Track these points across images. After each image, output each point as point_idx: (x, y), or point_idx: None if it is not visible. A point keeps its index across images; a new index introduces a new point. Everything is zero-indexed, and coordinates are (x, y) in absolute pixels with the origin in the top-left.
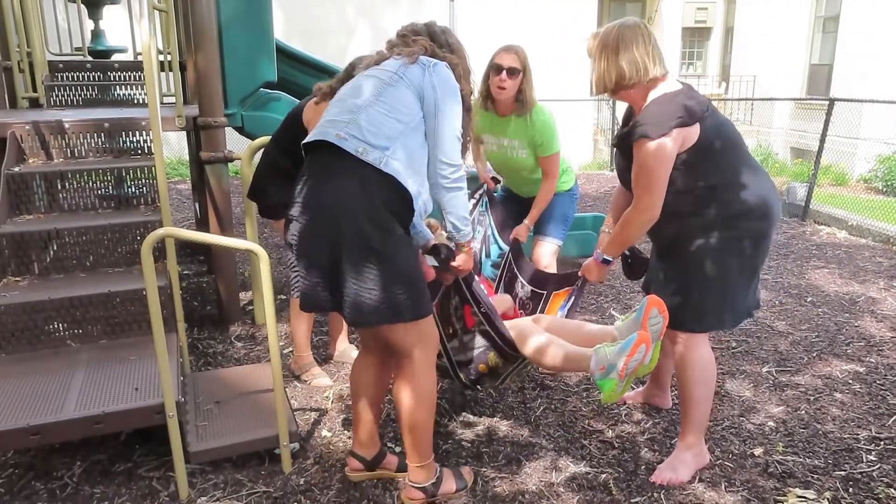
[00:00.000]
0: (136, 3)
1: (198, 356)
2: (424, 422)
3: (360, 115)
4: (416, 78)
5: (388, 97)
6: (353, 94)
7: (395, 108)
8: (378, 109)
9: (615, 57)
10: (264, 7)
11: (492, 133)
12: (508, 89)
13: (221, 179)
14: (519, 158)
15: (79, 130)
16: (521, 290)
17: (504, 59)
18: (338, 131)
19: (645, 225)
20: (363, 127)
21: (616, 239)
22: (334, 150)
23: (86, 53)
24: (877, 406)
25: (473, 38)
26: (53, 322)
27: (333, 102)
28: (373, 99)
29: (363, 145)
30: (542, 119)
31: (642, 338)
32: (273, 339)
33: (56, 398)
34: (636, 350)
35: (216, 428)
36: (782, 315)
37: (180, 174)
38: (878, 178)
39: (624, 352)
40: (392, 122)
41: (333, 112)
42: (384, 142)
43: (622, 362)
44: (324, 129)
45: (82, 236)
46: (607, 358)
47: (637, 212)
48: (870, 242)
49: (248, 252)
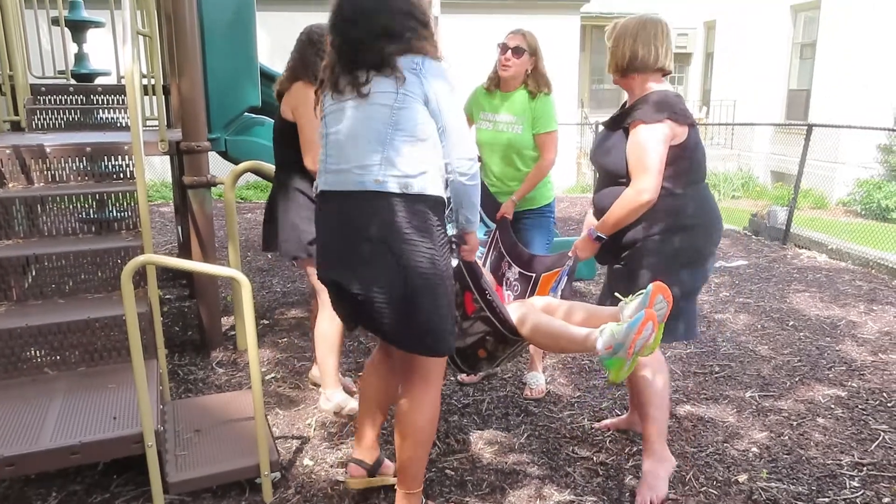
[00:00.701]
0: (121, 27)
1: (178, 383)
2: (424, 443)
3: (389, 152)
4: (417, 89)
5: (404, 123)
6: (365, 129)
7: (416, 130)
8: (401, 139)
9: (632, 40)
10: (249, 31)
11: (488, 109)
12: (513, 67)
13: (204, 204)
14: (513, 135)
15: (60, 154)
16: (509, 270)
17: (510, 40)
18: (375, 177)
19: (641, 207)
20: (397, 163)
21: (610, 217)
22: (366, 197)
23: (69, 77)
24: (859, 431)
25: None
26: (30, 349)
27: (338, 143)
28: (391, 130)
29: (405, 180)
30: (548, 98)
31: (649, 316)
32: (255, 366)
33: (32, 428)
34: (643, 327)
35: (196, 457)
36: (765, 339)
37: (164, 197)
38: (856, 201)
39: (632, 330)
40: (420, 146)
41: (349, 155)
42: (422, 167)
43: (630, 340)
44: (349, 177)
45: (61, 262)
46: (614, 337)
47: (635, 192)
48: (850, 266)
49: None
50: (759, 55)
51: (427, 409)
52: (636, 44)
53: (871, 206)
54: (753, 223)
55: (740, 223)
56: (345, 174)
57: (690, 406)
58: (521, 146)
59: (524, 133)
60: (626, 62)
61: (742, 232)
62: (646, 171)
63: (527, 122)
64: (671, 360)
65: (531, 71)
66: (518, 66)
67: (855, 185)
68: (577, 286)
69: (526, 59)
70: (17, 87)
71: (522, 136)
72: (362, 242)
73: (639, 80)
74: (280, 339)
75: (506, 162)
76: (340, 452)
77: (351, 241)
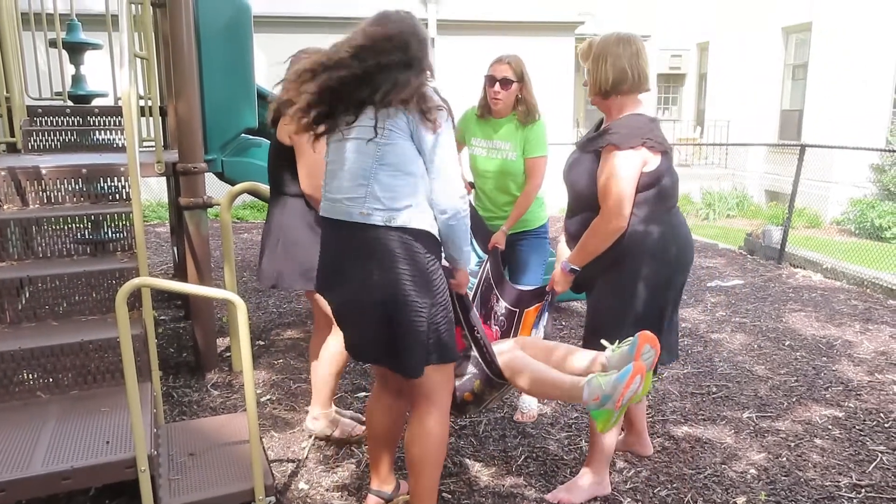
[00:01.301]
0: (118, 49)
1: (173, 405)
2: (434, 469)
3: (373, 186)
4: (403, 125)
5: (389, 157)
6: (354, 163)
7: (401, 165)
8: (386, 174)
9: (614, 59)
10: (246, 53)
11: (481, 136)
12: (503, 99)
13: (200, 225)
14: (506, 161)
15: (56, 176)
16: (497, 304)
17: (497, 71)
18: (360, 209)
19: (612, 234)
20: (380, 197)
21: (582, 248)
22: (354, 228)
23: (66, 98)
24: (857, 452)
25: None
26: (23, 372)
27: (333, 173)
28: (376, 165)
29: (387, 213)
30: (539, 122)
31: (638, 369)
32: (249, 389)
33: (23, 453)
34: (632, 381)
35: (189, 482)
36: (761, 359)
37: (160, 217)
38: (850, 220)
39: (620, 384)
40: (404, 180)
41: (342, 186)
42: (406, 201)
43: (618, 394)
44: (340, 207)
45: (56, 283)
46: (602, 389)
47: (604, 221)
48: (844, 285)
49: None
50: (751, 76)
51: (433, 433)
52: (619, 64)
53: (864, 225)
54: (749, 242)
55: (735, 242)
56: (338, 204)
57: (688, 427)
58: (515, 172)
59: (518, 159)
60: (609, 84)
61: (737, 251)
62: (616, 198)
63: (519, 148)
64: (668, 380)
65: (520, 97)
66: (508, 97)
67: (849, 205)
68: (574, 305)
69: (515, 87)
70: (13, 108)
71: (516, 163)
72: (352, 268)
73: (618, 101)
74: (276, 361)
75: (500, 188)
76: (336, 476)
77: (343, 266)
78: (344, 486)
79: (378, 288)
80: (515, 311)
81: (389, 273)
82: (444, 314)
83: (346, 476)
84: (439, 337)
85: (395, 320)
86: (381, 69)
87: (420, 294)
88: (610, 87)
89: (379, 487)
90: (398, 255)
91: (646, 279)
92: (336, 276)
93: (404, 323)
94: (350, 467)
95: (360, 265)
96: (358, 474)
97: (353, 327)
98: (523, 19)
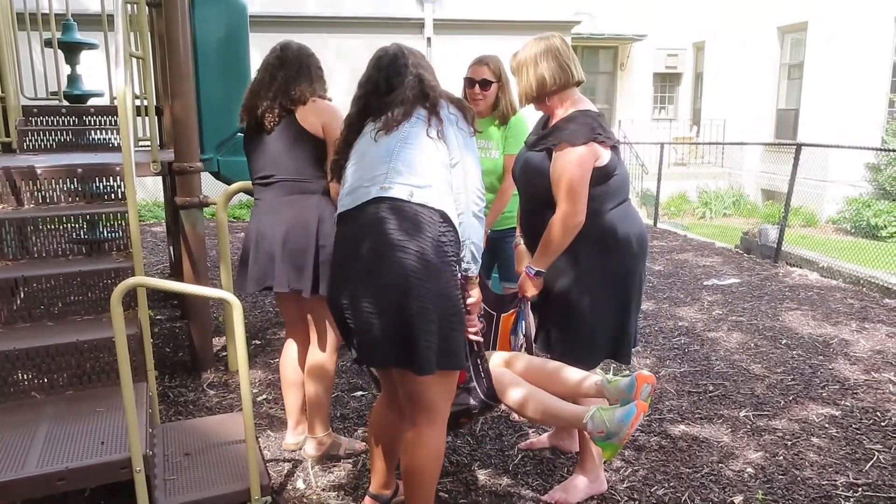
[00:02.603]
0: (114, 49)
1: (169, 405)
2: (429, 480)
3: (396, 162)
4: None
5: (414, 138)
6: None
7: (425, 147)
8: (409, 152)
9: (534, 66)
10: (242, 52)
11: None
12: (484, 100)
13: (196, 225)
14: (490, 160)
15: (51, 176)
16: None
17: (476, 73)
18: (381, 185)
19: (570, 231)
20: (402, 171)
21: (544, 248)
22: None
23: (62, 98)
24: (854, 451)
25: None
26: (18, 372)
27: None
28: (401, 144)
29: (410, 188)
30: (518, 118)
31: (641, 408)
32: (245, 389)
33: (18, 453)
34: (637, 421)
35: (185, 482)
36: (758, 358)
37: (156, 216)
38: (846, 219)
39: (625, 424)
40: (428, 162)
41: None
42: (428, 180)
43: (624, 433)
44: (359, 192)
45: (51, 283)
46: (606, 426)
47: (561, 218)
48: (841, 284)
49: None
50: (747, 75)
51: (430, 446)
52: (539, 69)
53: (860, 223)
54: (745, 241)
55: (732, 241)
56: (355, 192)
57: (685, 426)
58: (499, 170)
59: (501, 157)
60: (534, 90)
61: (734, 250)
62: (572, 194)
63: (501, 146)
64: (665, 379)
65: (500, 96)
66: (488, 98)
67: (844, 203)
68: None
69: (494, 88)
70: (8, 108)
71: (499, 161)
72: (366, 252)
73: (557, 100)
74: (272, 360)
75: (487, 189)
76: (333, 476)
77: (357, 251)
78: (341, 486)
79: (394, 266)
80: (493, 315)
81: (405, 251)
82: (456, 310)
83: (342, 476)
84: (450, 335)
85: (407, 306)
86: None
87: (434, 276)
88: (536, 93)
89: (377, 491)
90: (415, 229)
91: (613, 273)
92: (347, 265)
93: (416, 308)
94: (347, 467)
95: (375, 244)
96: (355, 474)
97: (363, 323)
98: (519, 19)
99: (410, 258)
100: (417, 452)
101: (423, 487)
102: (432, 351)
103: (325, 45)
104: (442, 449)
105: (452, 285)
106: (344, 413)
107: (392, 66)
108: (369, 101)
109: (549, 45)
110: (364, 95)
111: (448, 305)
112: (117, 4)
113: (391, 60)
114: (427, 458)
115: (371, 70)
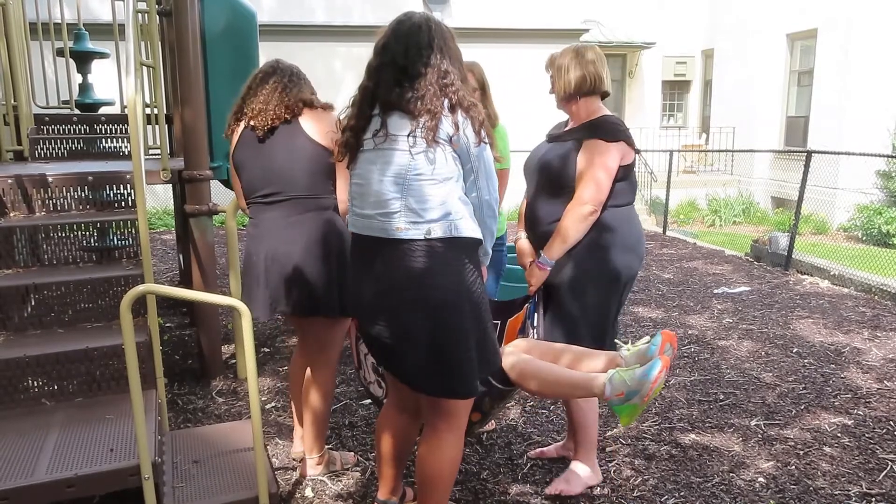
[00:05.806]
0: (125, 58)
1: (178, 412)
2: (445, 486)
3: (408, 198)
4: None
5: (422, 166)
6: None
7: (434, 172)
8: (421, 184)
9: (576, 66)
10: (251, 61)
11: None
12: None
13: (206, 232)
14: None
15: (62, 184)
16: None
17: None
18: (397, 224)
19: (587, 220)
20: (417, 210)
21: (561, 238)
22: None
23: (73, 107)
24: (867, 461)
25: None
26: (28, 379)
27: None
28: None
29: (427, 226)
30: (499, 129)
31: (665, 363)
32: (254, 397)
33: (27, 460)
34: (661, 375)
35: (194, 489)
36: (769, 366)
37: (166, 224)
38: (857, 226)
39: (648, 379)
40: (440, 187)
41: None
42: (444, 209)
43: (647, 389)
44: (375, 223)
45: (61, 291)
46: (626, 384)
47: (579, 204)
48: (852, 292)
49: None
50: (757, 83)
51: (449, 452)
52: (581, 69)
53: (871, 231)
54: (755, 249)
55: (742, 249)
56: (369, 220)
57: (695, 435)
58: None
59: None
60: (573, 88)
61: (744, 258)
62: (597, 185)
63: None
64: (675, 388)
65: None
66: None
67: (855, 211)
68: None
69: (476, 96)
70: (20, 116)
71: None
72: (388, 289)
73: (586, 103)
74: (281, 368)
75: None
76: (341, 483)
77: (378, 286)
78: (349, 495)
79: (422, 308)
80: (497, 323)
81: (432, 288)
82: (486, 318)
83: (351, 484)
84: (485, 345)
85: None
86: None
87: (464, 307)
88: (573, 90)
89: (386, 498)
90: (437, 265)
91: (604, 270)
92: (379, 302)
93: (453, 341)
94: (355, 475)
95: (398, 283)
96: (363, 482)
97: (399, 359)
98: (528, 27)
99: (433, 299)
100: (436, 457)
101: (438, 493)
102: (474, 373)
103: (334, 54)
104: (460, 455)
105: (473, 308)
106: (353, 421)
107: (412, 39)
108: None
109: (594, 52)
110: (380, 67)
111: (480, 317)
112: (128, 14)
113: (412, 31)
114: (445, 464)
115: (389, 37)
